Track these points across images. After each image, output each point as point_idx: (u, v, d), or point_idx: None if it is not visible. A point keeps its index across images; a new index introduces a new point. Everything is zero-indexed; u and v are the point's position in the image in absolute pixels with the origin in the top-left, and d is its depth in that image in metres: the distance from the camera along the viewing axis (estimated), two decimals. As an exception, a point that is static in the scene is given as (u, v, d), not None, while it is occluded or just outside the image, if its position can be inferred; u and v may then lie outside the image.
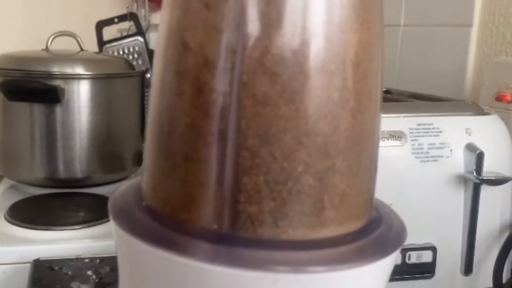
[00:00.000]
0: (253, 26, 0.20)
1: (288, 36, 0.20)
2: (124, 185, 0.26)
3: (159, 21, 0.23)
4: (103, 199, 0.77)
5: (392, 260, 0.22)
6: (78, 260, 0.58)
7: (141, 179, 0.25)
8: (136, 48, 1.05)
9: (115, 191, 0.25)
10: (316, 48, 0.20)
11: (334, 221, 0.21)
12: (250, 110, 0.20)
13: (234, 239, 0.20)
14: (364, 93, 0.21)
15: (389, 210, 0.24)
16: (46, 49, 0.85)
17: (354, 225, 0.22)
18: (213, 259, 0.20)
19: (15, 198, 0.76)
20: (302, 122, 0.20)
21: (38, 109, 0.79)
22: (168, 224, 0.21)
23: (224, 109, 0.20)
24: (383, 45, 0.22)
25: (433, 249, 0.52)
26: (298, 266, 0.20)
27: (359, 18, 0.21)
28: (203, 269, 0.19)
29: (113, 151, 0.85)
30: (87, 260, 0.58)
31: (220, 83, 0.20)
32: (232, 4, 0.20)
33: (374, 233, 0.22)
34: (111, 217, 0.23)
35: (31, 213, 0.71)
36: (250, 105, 0.20)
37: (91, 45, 0.92)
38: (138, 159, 0.90)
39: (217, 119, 0.20)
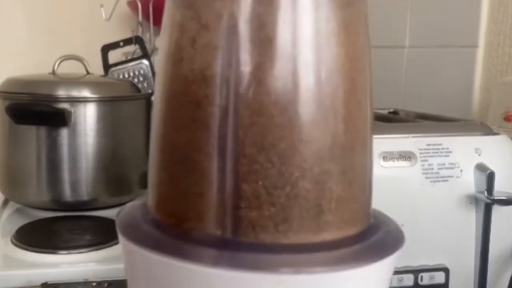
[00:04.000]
0: (245, 42, 0.21)
1: (279, 50, 0.21)
2: (130, 204, 0.27)
3: (159, 42, 0.25)
4: (110, 222, 0.77)
5: (392, 262, 0.23)
6: (86, 283, 0.58)
7: (146, 197, 0.26)
8: (141, 71, 1.06)
9: (121, 211, 0.26)
10: (306, 61, 0.21)
11: (333, 225, 0.22)
12: (247, 120, 0.21)
13: (237, 244, 0.21)
14: (354, 102, 0.23)
15: (387, 217, 0.26)
16: (53, 72, 0.85)
17: (353, 230, 0.23)
18: (217, 263, 0.21)
19: (21, 221, 0.76)
20: (296, 130, 0.21)
21: (44, 132, 0.79)
22: (174, 233, 0.22)
23: (222, 120, 0.21)
24: (371, 60, 0.24)
25: (446, 270, 0.52)
26: (300, 267, 0.20)
27: (345, 31, 0.22)
28: (208, 273, 0.20)
29: (119, 173, 0.85)
30: (94, 284, 0.58)
31: (218, 97, 0.21)
32: (225, 23, 0.21)
33: (372, 237, 0.23)
34: (118, 232, 0.24)
35: (38, 237, 0.70)
36: (246, 116, 0.21)
37: (96, 69, 0.93)
38: (144, 182, 0.89)
39: (216, 130, 0.21)
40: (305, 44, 0.21)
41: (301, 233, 0.21)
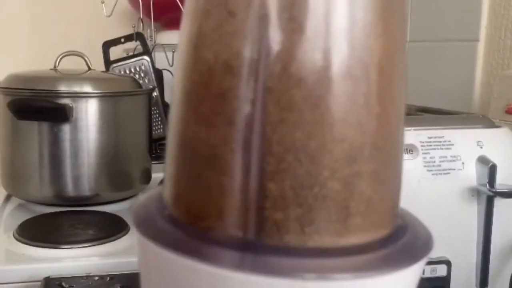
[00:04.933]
0: (276, 32, 0.20)
1: (311, 42, 0.20)
2: (144, 196, 0.25)
3: (180, 31, 0.23)
4: (112, 217, 0.77)
5: (420, 267, 0.21)
6: (88, 278, 0.58)
7: (161, 189, 0.25)
8: (142, 68, 1.06)
9: (136, 202, 0.25)
10: (340, 53, 0.20)
11: (361, 228, 0.21)
12: (275, 116, 0.20)
13: (260, 246, 0.20)
14: (389, 99, 0.21)
15: (414, 217, 0.24)
16: (54, 68, 0.85)
17: (381, 232, 0.22)
18: (239, 266, 0.19)
19: (23, 216, 0.76)
20: (327, 128, 0.20)
21: (46, 128, 0.79)
22: (193, 232, 0.21)
23: (248, 115, 0.20)
24: (406, 55, 0.22)
25: (448, 263, 0.52)
26: (326, 274, 0.19)
27: (383, 22, 0.21)
28: (229, 277, 0.19)
29: (121, 168, 0.85)
30: (97, 278, 0.58)
31: (244, 90, 0.20)
32: (255, 11, 0.20)
33: (400, 240, 0.22)
34: (134, 227, 0.23)
35: (40, 232, 0.70)
36: (275, 111, 0.20)
37: (97, 65, 0.93)
38: (146, 177, 0.90)
39: (241, 126, 0.20)
40: (339, 35, 0.20)
41: (328, 235, 0.20)
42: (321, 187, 0.20)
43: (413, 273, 0.21)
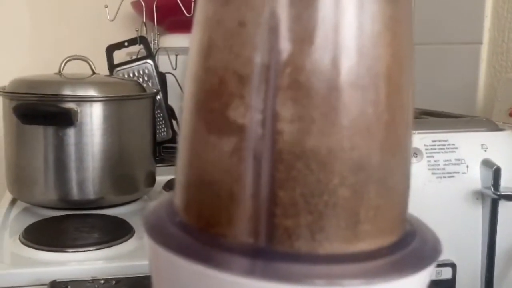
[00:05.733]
0: (286, 42, 0.20)
1: (321, 51, 0.20)
2: (155, 202, 0.26)
3: (189, 41, 0.24)
4: (117, 220, 0.77)
5: (428, 273, 0.22)
6: (94, 281, 0.58)
7: (172, 195, 0.25)
8: (146, 71, 1.06)
9: (147, 209, 0.25)
10: (349, 63, 0.20)
11: (370, 235, 0.21)
12: (285, 124, 0.20)
13: (270, 253, 0.20)
14: (397, 106, 0.22)
15: (421, 223, 0.25)
16: (59, 72, 0.86)
17: (389, 239, 0.22)
18: (250, 273, 0.19)
19: (29, 220, 0.76)
20: (337, 136, 0.20)
21: (51, 132, 0.80)
22: (204, 238, 0.21)
23: (258, 124, 0.20)
24: (414, 61, 0.23)
25: (453, 265, 0.52)
26: (335, 280, 0.20)
27: (391, 32, 0.21)
28: (240, 283, 0.19)
29: (125, 172, 0.85)
30: (102, 282, 0.58)
31: (254, 99, 0.20)
32: (265, 21, 0.20)
33: (409, 246, 0.22)
34: (145, 233, 0.23)
35: (46, 235, 0.71)
36: (285, 120, 0.20)
37: (101, 69, 0.93)
38: (150, 180, 0.90)
39: (252, 134, 0.20)
40: (348, 45, 0.20)
41: (338, 242, 0.20)
42: (331, 194, 0.20)
43: (422, 278, 0.21)
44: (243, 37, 0.21)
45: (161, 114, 1.07)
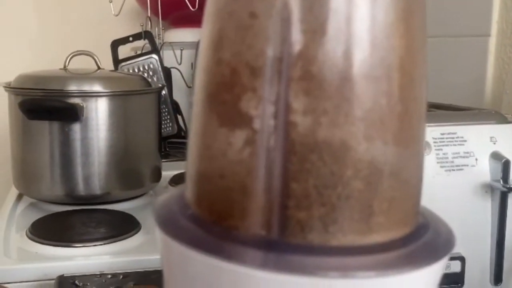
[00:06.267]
0: (298, 33, 0.20)
1: (333, 42, 0.20)
2: (166, 195, 0.26)
3: (200, 33, 0.23)
4: (123, 215, 0.77)
5: (442, 265, 0.22)
6: (101, 276, 0.58)
7: (183, 188, 0.25)
8: (151, 66, 1.06)
9: (157, 202, 0.25)
10: (362, 54, 0.20)
11: (383, 227, 0.21)
12: (298, 116, 0.20)
13: (283, 245, 0.20)
14: (411, 98, 0.21)
15: (434, 215, 0.24)
16: (64, 68, 0.86)
17: (403, 231, 0.22)
18: (263, 265, 0.19)
19: (35, 215, 0.77)
20: (350, 127, 0.20)
21: (57, 127, 0.80)
22: (216, 231, 0.21)
23: (270, 116, 0.20)
24: (427, 53, 0.23)
25: (462, 259, 0.52)
26: (349, 272, 0.19)
27: (404, 23, 0.21)
28: (253, 275, 0.19)
29: (131, 167, 0.85)
30: (110, 276, 0.58)
31: (267, 91, 0.20)
32: (277, 12, 0.20)
33: (422, 238, 0.22)
34: (157, 226, 0.23)
35: (53, 230, 0.71)
36: (298, 112, 0.20)
37: (106, 64, 0.93)
38: (156, 175, 0.90)
39: (264, 126, 0.20)
40: (360, 36, 0.20)
41: (351, 234, 0.20)
42: (344, 186, 0.20)
43: (435, 270, 0.21)
44: (255, 29, 0.21)
45: (166, 109, 1.07)
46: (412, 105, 0.21)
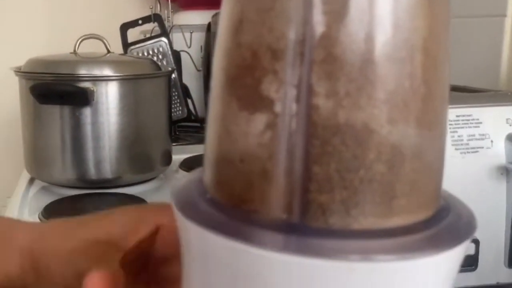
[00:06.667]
0: (320, 14, 0.20)
1: (356, 24, 0.20)
2: (184, 180, 0.25)
3: (220, 16, 0.23)
4: (134, 199, 0.78)
5: (464, 248, 0.21)
6: (116, 259, 0.58)
7: (201, 172, 0.25)
8: (160, 49, 1.06)
9: (174, 186, 0.25)
10: (385, 35, 0.20)
11: (405, 210, 0.21)
12: (321, 99, 0.20)
13: (304, 228, 0.20)
14: (434, 80, 0.21)
15: (455, 198, 0.24)
16: (74, 52, 0.86)
17: (424, 214, 0.22)
18: (284, 248, 0.19)
19: (47, 199, 0.77)
20: (373, 110, 0.20)
21: (68, 111, 0.80)
22: (236, 215, 0.21)
23: (292, 99, 0.20)
24: (450, 34, 0.22)
25: (476, 241, 0.52)
26: (370, 255, 0.19)
27: (428, 3, 0.21)
28: (274, 258, 0.19)
29: (142, 151, 0.85)
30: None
31: (289, 73, 0.20)
32: None
33: (444, 221, 0.22)
34: (176, 210, 0.23)
35: (66, 214, 0.71)
36: (320, 94, 0.20)
37: (115, 47, 0.93)
38: (166, 159, 0.90)
39: (285, 110, 0.20)
40: (383, 17, 0.20)
41: (372, 217, 0.20)
42: (367, 169, 0.20)
43: (457, 253, 0.21)
44: (276, 11, 0.20)
45: (176, 93, 1.07)
46: (435, 87, 0.21)
